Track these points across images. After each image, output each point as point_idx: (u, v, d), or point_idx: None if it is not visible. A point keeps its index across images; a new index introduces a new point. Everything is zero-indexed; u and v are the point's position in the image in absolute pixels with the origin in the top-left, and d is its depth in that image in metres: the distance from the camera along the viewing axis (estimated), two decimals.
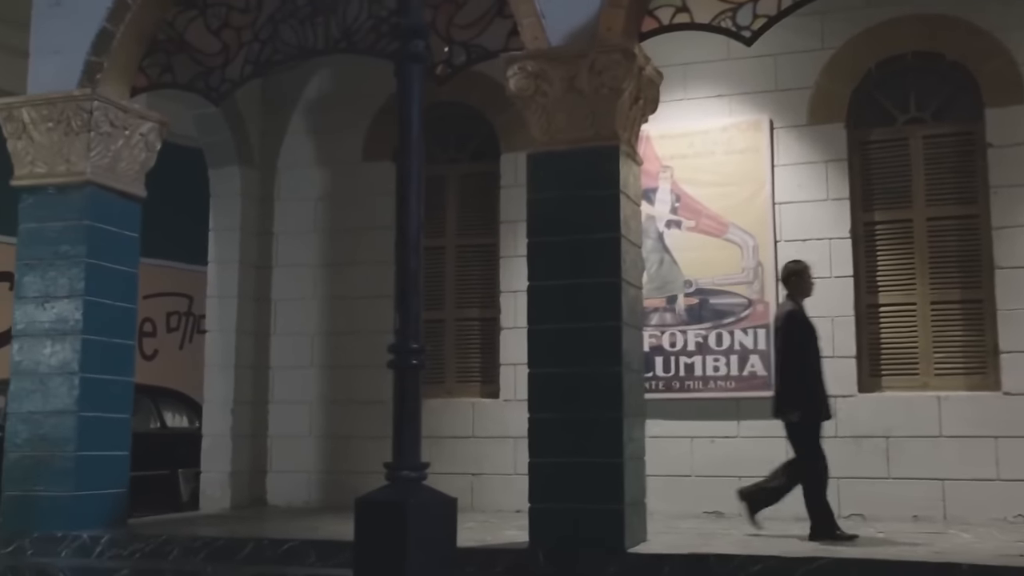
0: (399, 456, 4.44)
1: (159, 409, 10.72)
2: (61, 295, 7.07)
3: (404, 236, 4.54)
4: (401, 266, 4.53)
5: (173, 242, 12.80)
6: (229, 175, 9.14)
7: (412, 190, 4.58)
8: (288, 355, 9.13)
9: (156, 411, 10.60)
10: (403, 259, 4.53)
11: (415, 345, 4.50)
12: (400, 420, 4.50)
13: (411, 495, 4.29)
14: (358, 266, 9.06)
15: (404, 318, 4.50)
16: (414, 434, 4.50)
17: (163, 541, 6.71)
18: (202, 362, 9.17)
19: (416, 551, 4.15)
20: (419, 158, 4.61)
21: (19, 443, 7.02)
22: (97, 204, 7.18)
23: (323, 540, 6.54)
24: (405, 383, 4.50)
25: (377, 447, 8.75)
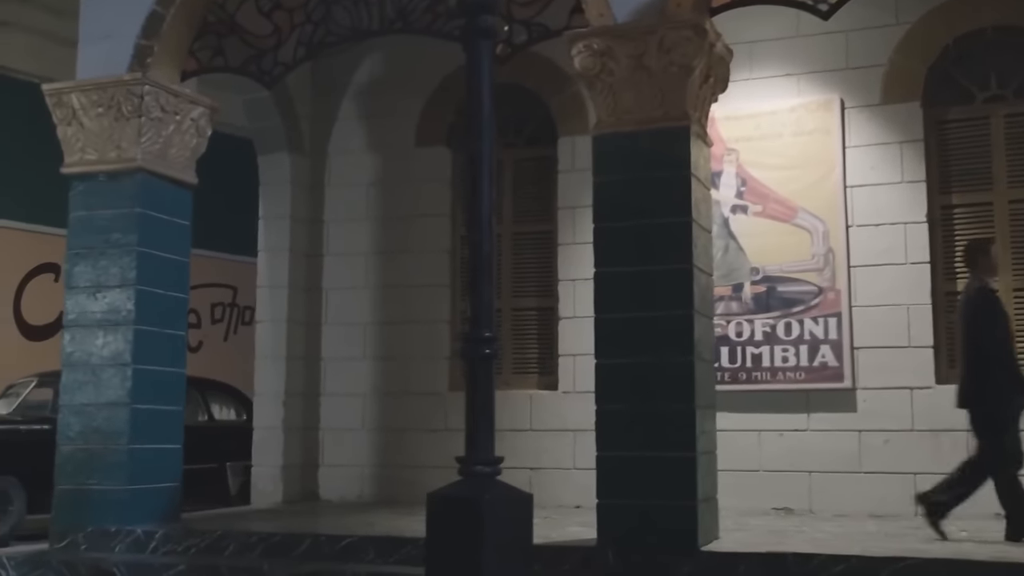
0: (472, 450, 4.27)
1: (207, 402, 10.67)
2: (112, 284, 6.99)
3: (476, 219, 4.36)
4: (473, 251, 4.35)
5: (217, 232, 12.74)
6: (279, 162, 9.04)
7: (483, 171, 4.40)
8: (340, 346, 9.03)
9: (204, 404, 10.55)
10: (475, 243, 4.35)
11: (488, 334, 4.32)
12: (473, 413, 4.33)
13: (486, 491, 4.11)
14: (411, 254, 8.93)
15: (476, 306, 4.33)
16: (488, 427, 4.34)
17: (218, 536, 6.61)
18: (246, 354, 9.09)
19: (492, 549, 3.99)
20: (490, 138, 4.43)
21: (71, 436, 6.96)
22: (148, 191, 7.09)
23: (381, 536, 6.42)
24: (478, 374, 4.32)
25: (433, 440, 8.68)
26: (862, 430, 7.57)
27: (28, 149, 13.10)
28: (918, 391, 7.47)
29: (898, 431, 7.47)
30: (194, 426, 9.89)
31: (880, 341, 7.59)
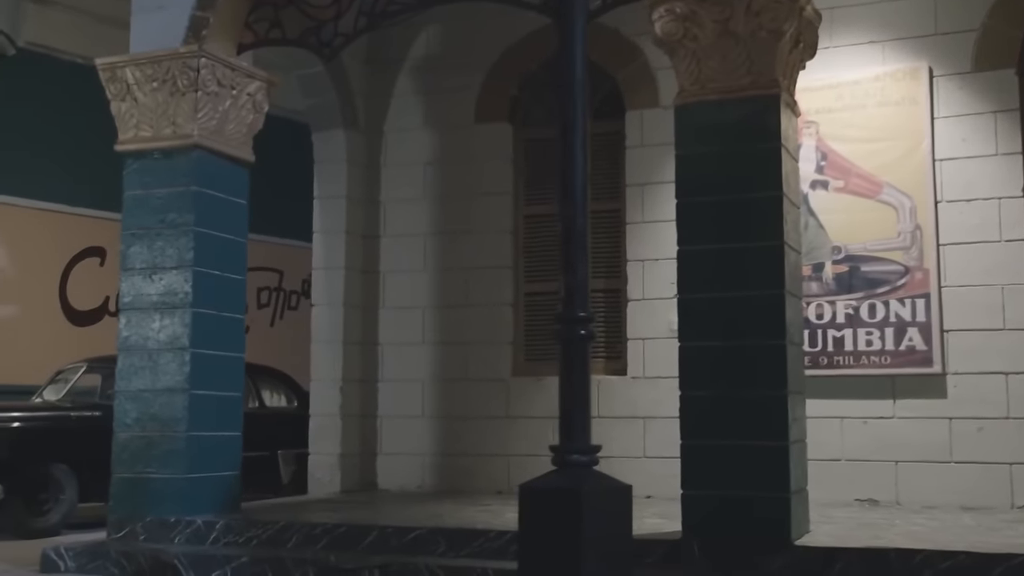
0: (568, 438, 4.05)
1: (257, 388, 10.54)
2: (169, 266, 6.83)
3: (569, 191, 4.13)
4: (567, 225, 4.12)
5: (262, 215, 12.54)
6: (334, 139, 8.84)
7: (576, 141, 4.17)
8: (398, 330, 8.83)
9: (255, 390, 10.41)
10: (568, 217, 4.12)
11: (583, 314, 4.09)
12: (568, 398, 4.11)
13: (584, 482, 3.88)
14: (472, 235, 8.70)
15: (571, 284, 4.11)
16: (584, 413, 4.12)
17: (281, 528, 6.44)
18: (293, 339, 8.92)
19: (591, 544, 3.77)
20: (583, 105, 4.20)
21: (128, 423, 6.82)
22: (205, 169, 6.92)
23: (452, 528, 6.21)
24: (573, 356, 4.11)
25: (495, 428, 8.48)
26: (953, 418, 7.25)
27: (72, 131, 13.05)
28: (1013, 376, 7.14)
29: (992, 419, 7.15)
30: (245, 413, 9.75)
31: (972, 323, 7.26)
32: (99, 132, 13.29)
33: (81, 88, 13.21)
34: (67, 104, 13.04)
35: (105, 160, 13.30)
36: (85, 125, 13.18)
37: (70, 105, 13.06)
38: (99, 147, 13.34)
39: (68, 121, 13.05)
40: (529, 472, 8.26)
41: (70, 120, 13.06)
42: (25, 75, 12.59)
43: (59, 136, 12.95)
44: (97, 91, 13.31)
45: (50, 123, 12.90)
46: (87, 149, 13.12)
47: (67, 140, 13.01)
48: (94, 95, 13.25)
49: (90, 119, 13.28)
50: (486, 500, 7.85)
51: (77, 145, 13.08)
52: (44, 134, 12.83)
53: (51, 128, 12.90)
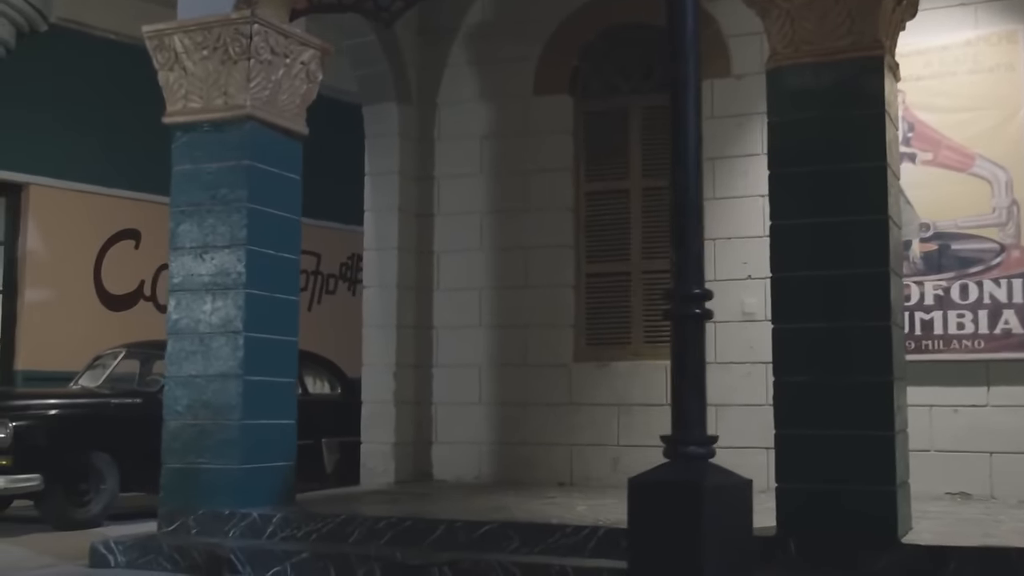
0: (682, 428, 3.73)
1: (300, 374, 10.24)
2: (221, 245, 6.55)
3: (681, 156, 3.80)
4: (679, 192, 3.79)
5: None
6: (386, 112, 8.53)
7: (689, 98, 3.85)
8: (453, 313, 8.53)
9: (298, 376, 10.13)
10: (681, 184, 3.79)
11: (697, 290, 3.75)
12: (682, 382, 3.79)
13: (705, 476, 3.56)
14: (531, 213, 8.38)
15: (683, 257, 3.77)
16: (699, 399, 3.80)
17: (342, 521, 6.16)
18: (331, 324, 8.63)
19: (713, 543, 3.45)
20: (695, 59, 3.88)
21: (179, 410, 6.55)
22: (258, 142, 6.62)
23: (524, 523, 5.91)
24: (686, 336, 3.78)
25: (556, 416, 8.16)
26: None
27: (105, 110, 12.83)
28: None
29: None
30: None
31: None
32: (133, 111, 13.20)
33: (115, 65, 13.04)
34: (100, 82, 12.82)
35: (139, 140, 13.23)
36: (119, 103, 12.98)
37: (103, 83, 12.85)
38: (133, 126, 13.23)
39: (101, 99, 12.82)
40: (593, 463, 8.09)
41: (103, 98, 12.83)
42: (57, 52, 12.33)
43: (92, 115, 12.72)
44: (131, 68, 13.10)
45: (83, 101, 12.67)
46: (121, 128, 12.92)
47: (100, 119, 12.79)
48: (128, 72, 13.16)
49: (124, 97, 13.11)
50: (550, 492, 7.56)
51: (110, 124, 12.86)
52: (76, 113, 12.60)
53: (84, 107, 12.67)
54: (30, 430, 8.48)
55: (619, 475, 7.88)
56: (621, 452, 7.92)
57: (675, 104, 3.85)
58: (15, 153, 12.10)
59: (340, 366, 10.88)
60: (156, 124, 12.88)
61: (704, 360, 3.89)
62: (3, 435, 8.30)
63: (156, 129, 13.02)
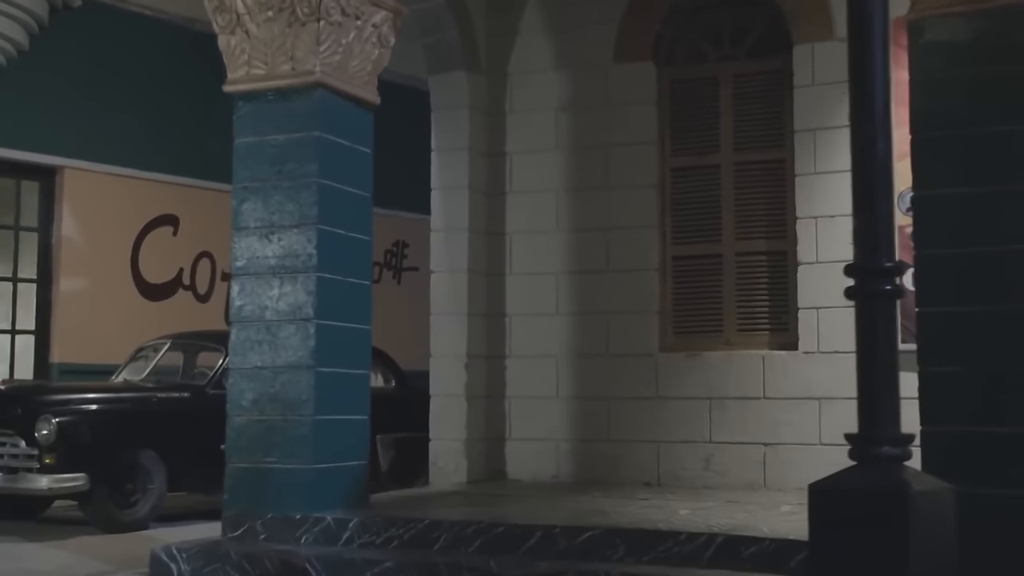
0: (874, 426, 3.23)
1: None
2: (289, 224, 6.11)
3: (866, 104, 3.33)
4: (863, 147, 3.32)
5: None
6: (454, 83, 8.05)
7: (875, 38, 3.34)
8: (527, 299, 8.06)
9: None
10: (866, 140, 3.32)
11: (888, 263, 3.26)
12: (871, 372, 3.30)
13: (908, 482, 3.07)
14: (612, 191, 7.90)
15: (870, 225, 3.29)
16: (892, 392, 3.28)
17: (425, 527, 5.72)
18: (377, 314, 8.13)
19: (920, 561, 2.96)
20: None
21: (245, 405, 6.12)
22: (328, 111, 6.18)
23: (631, 529, 5.46)
24: (876, 317, 3.30)
25: (642, 410, 7.68)
26: None
27: (142, 89, 12.45)
28: None
29: None
30: None
31: None
32: (171, 90, 12.84)
33: (152, 42, 12.66)
34: (137, 60, 12.44)
35: (178, 121, 12.87)
36: (157, 82, 12.60)
37: (140, 61, 12.47)
38: (172, 107, 12.86)
39: (138, 78, 12.44)
40: (682, 461, 7.60)
41: (140, 77, 12.45)
42: (91, 29, 11.97)
43: (128, 95, 12.34)
44: (169, 45, 12.76)
45: (119, 81, 12.29)
46: (159, 109, 12.55)
47: (137, 99, 12.40)
48: (166, 50, 12.80)
49: (162, 76, 12.74)
50: (639, 493, 7.10)
51: (148, 105, 12.48)
52: (112, 93, 12.22)
53: (120, 86, 12.29)
54: (74, 427, 8.12)
55: (711, 474, 7.44)
56: (713, 450, 7.44)
57: (858, 41, 3.34)
58: (48, 135, 11.75)
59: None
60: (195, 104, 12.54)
61: (896, 345, 3.37)
62: (47, 432, 7.94)
63: (195, 110, 12.92)
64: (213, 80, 12.91)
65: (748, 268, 7.65)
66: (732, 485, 7.32)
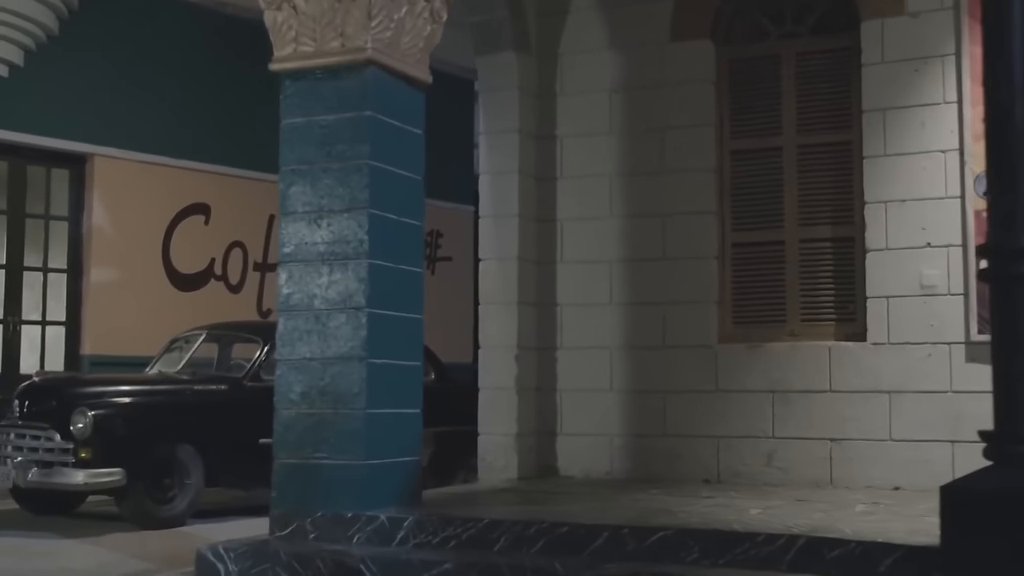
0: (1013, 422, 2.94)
1: None
2: (339, 208, 5.86)
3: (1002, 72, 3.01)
4: (999, 118, 3.01)
5: None
6: (503, 63, 7.80)
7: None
8: (579, 289, 7.81)
9: None
10: (1003, 106, 3.01)
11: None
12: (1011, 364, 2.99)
13: None
14: (669, 175, 7.63)
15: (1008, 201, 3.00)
16: None
17: (485, 526, 5.47)
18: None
19: None
20: None
21: (293, 398, 5.89)
22: (379, 90, 5.93)
23: (705, 530, 5.19)
24: (1014, 304, 2.98)
25: (700, 404, 7.41)
26: None
27: (173, 75, 12.28)
28: None
29: None
30: None
31: None
32: (204, 76, 12.66)
33: (184, 28, 12.46)
34: (167, 45, 12.26)
35: (210, 108, 12.68)
36: (188, 68, 12.42)
37: (170, 46, 12.29)
38: (204, 93, 12.68)
39: (168, 64, 12.26)
40: (744, 457, 7.33)
41: (170, 63, 12.28)
42: (122, 13, 11.80)
43: (160, 81, 12.18)
44: (202, 31, 12.57)
45: (150, 67, 12.13)
46: (191, 96, 12.37)
47: (169, 85, 12.24)
48: (199, 35, 12.60)
49: (194, 62, 12.55)
50: (700, 491, 6.84)
51: (179, 91, 12.31)
52: (143, 79, 12.06)
53: (151, 72, 12.13)
54: (110, 420, 7.95)
55: (774, 471, 7.18)
56: (777, 445, 7.17)
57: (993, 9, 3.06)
58: (78, 122, 11.61)
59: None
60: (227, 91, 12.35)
61: None
62: (82, 425, 7.77)
63: (227, 96, 12.74)
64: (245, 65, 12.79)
65: (812, 255, 7.37)
66: (796, 483, 7.05)
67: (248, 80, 12.67)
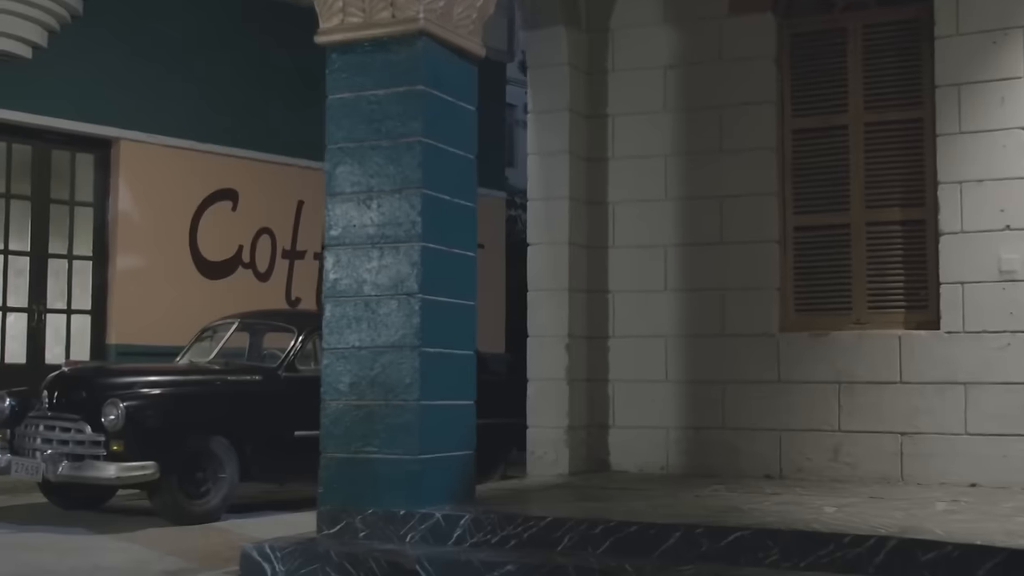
0: None
1: None
2: (389, 188, 5.60)
3: None
4: None
5: None
6: (552, 39, 7.52)
7: None
8: (632, 274, 7.53)
9: None
10: None
11: None
12: None
13: None
14: (727, 155, 7.35)
15: None
16: None
17: (547, 525, 5.21)
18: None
19: None
20: None
21: (341, 389, 5.63)
22: (432, 63, 5.66)
23: (786, 531, 4.92)
24: None
25: (762, 396, 7.10)
26: None
27: (203, 58, 12.02)
28: None
29: None
30: None
31: None
32: (231, 58, 12.40)
33: (212, 8, 12.21)
34: (194, 27, 12.00)
35: (238, 91, 12.41)
36: (216, 50, 12.15)
37: (197, 28, 12.03)
38: (232, 76, 12.41)
39: (195, 45, 12.00)
40: (808, 452, 7.04)
41: (198, 44, 12.02)
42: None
43: (187, 63, 11.92)
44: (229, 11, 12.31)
45: (175, 48, 11.86)
46: (218, 78, 12.11)
47: (195, 67, 11.98)
48: (226, 16, 12.34)
49: (222, 44, 12.29)
50: (764, 486, 6.56)
51: (206, 73, 12.06)
52: (170, 61, 11.81)
53: (177, 54, 11.87)
54: (142, 411, 7.70)
55: (840, 466, 6.92)
56: (843, 439, 6.89)
57: None
58: (103, 104, 11.37)
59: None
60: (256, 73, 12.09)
61: None
62: (114, 417, 7.52)
63: (256, 79, 12.48)
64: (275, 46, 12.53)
65: (880, 239, 7.06)
66: (864, 478, 6.77)
67: (278, 62, 12.44)
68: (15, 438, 8.06)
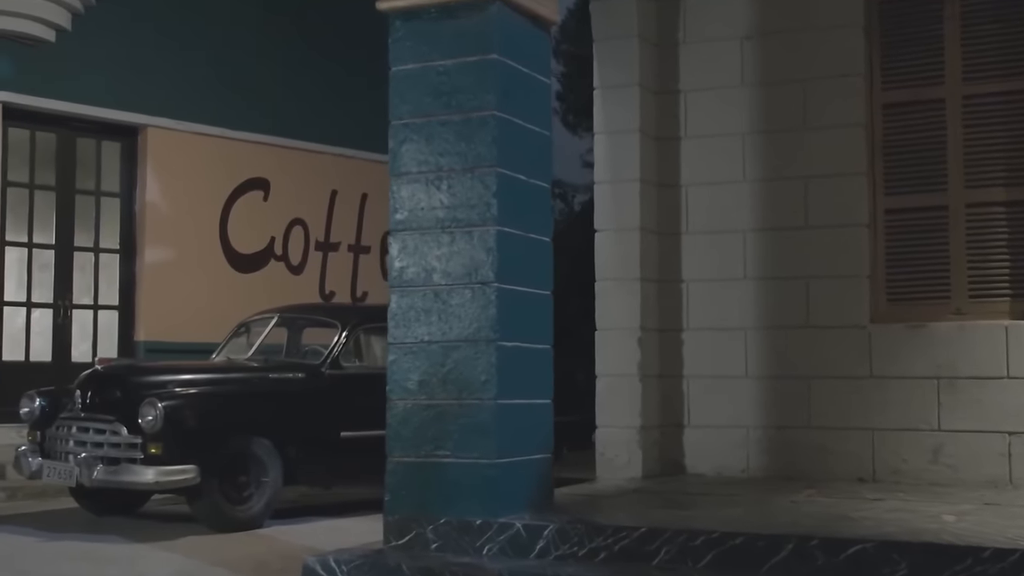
0: None
1: None
2: (460, 168, 5.20)
3: None
4: None
5: None
6: (620, 9, 7.08)
7: None
8: (708, 262, 7.11)
9: None
10: None
11: None
12: None
13: None
14: (811, 132, 6.91)
15: None
16: None
17: (641, 536, 4.80)
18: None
19: None
20: None
21: (409, 387, 5.23)
22: (506, 30, 5.26)
23: (915, 543, 4.50)
24: None
25: (852, 392, 6.65)
26: None
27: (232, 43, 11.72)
28: None
29: None
30: None
31: None
32: (261, 44, 12.06)
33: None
34: (223, 10, 11.67)
35: (269, 76, 12.07)
36: (245, 34, 11.84)
37: (226, 11, 11.71)
38: (262, 61, 12.08)
39: (225, 29, 11.69)
40: (904, 453, 6.60)
41: (228, 28, 11.71)
42: None
43: (214, 48, 11.62)
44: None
45: (203, 32, 11.56)
46: (248, 64, 11.80)
47: (223, 52, 11.68)
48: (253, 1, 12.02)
49: (251, 29, 11.96)
50: (860, 491, 6.15)
51: (235, 58, 11.75)
52: (199, 47, 11.53)
53: (205, 38, 11.56)
54: (181, 412, 7.37)
55: (941, 468, 6.49)
56: (944, 439, 6.45)
57: None
58: (129, 91, 11.10)
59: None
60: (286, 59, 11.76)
61: None
62: (152, 418, 7.17)
63: (286, 64, 12.15)
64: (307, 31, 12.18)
65: (982, 222, 6.62)
66: (968, 482, 6.33)
67: (311, 47, 12.11)
68: (46, 440, 7.74)
